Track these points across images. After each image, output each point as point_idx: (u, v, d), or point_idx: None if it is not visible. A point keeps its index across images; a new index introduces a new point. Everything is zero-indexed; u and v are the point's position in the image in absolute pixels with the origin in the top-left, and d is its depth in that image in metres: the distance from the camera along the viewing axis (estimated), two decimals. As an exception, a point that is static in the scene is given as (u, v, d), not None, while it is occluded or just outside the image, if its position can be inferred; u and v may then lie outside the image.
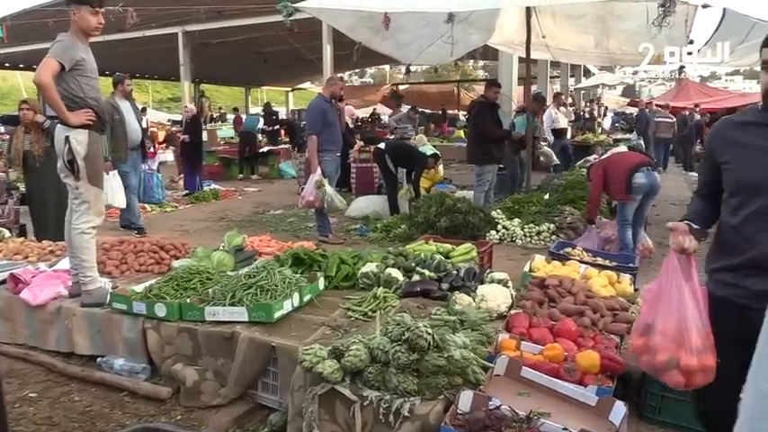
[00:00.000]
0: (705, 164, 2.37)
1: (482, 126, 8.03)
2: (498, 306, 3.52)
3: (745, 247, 2.08)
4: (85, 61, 3.84)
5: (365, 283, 3.99)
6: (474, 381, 2.54)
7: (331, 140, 7.11)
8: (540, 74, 18.42)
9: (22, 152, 6.33)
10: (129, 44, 17.93)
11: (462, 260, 4.51)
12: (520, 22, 8.74)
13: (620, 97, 38.39)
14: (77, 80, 3.80)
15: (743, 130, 2.14)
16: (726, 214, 2.18)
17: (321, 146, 7.01)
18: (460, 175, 12.89)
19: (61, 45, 3.75)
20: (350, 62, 15.30)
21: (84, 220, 3.91)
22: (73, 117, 3.78)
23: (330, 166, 7.18)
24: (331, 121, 7.08)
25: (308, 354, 2.61)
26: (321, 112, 7.07)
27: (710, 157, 2.26)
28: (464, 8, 7.10)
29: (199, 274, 3.93)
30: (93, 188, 3.92)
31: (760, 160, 2.05)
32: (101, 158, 4.05)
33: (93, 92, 3.94)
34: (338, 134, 7.30)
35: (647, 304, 2.30)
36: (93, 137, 3.89)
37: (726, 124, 2.26)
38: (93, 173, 3.90)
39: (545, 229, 7.02)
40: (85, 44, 3.91)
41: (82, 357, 3.90)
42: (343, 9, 7.12)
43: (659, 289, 2.20)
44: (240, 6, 15.82)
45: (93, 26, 3.84)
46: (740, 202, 2.09)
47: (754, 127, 2.11)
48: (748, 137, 2.10)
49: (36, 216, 6.47)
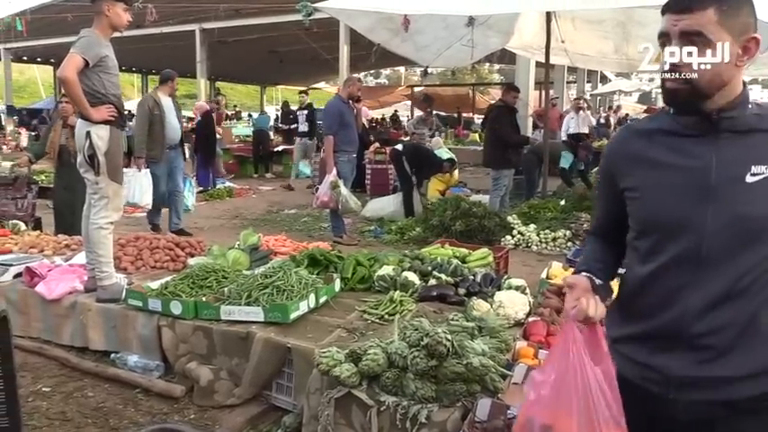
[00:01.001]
0: (602, 190, 1.68)
1: (500, 130, 7.98)
2: (516, 313, 3.47)
3: (658, 308, 1.46)
4: (108, 58, 3.87)
5: (381, 286, 3.97)
6: (492, 389, 2.51)
7: (347, 141, 7.08)
8: (556, 79, 18.32)
9: (59, 146, 6.23)
10: (147, 40, 18.06)
11: (479, 265, 4.48)
12: (539, 26, 8.68)
13: (636, 104, 38.13)
14: (100, 76, 3.83)
15: (651, 142, 1.49)
16: (633, 261, 1.56)
17: (337, 146, 6.99)
18: (475, 178, 12.85)
19: (87, 41, 3.77)
20: (366, 63, 15.30)
21: (103, 216, 3.93)
22: (95, 113, 3.80)
23: (346, 166, 7.15)
24: (347, 122, 7.05)
25: (326, 356, 2.59)
26: (338, 113, 7.04)
27: (609, 179, 1.59)
28: (484, 12, 7.06)
29: (215, 272, 3.91)
30: (113, 183, 3.94)
31: (677, 185, 1.43)
32: (121, 154, 4.07)
33: (115, 88, 3.97)
34: (354, 135, 7.25)
35: (542, 401, 1.52)
36: (114, 133, 3.91)
37: (628, 134, 1.61)
38: (113, 168, 3.92)
39: (561, 236, 6.97)
40: (108, 41, 3.94)
41: (95, 353, 3.90)
42: (362, 10, 7.10)
43: (557, 377, 1.48)
44: (257, 5, 15.89)
45: (124, 23, 3.90)
46: (653, 245, 1.47)
47: (666, 137, 1.48)
48: (659, 151, 1.47)
49: (61, 211, 6.33)
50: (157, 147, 7.04)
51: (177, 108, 7.54)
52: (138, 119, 7.15)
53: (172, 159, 7.35)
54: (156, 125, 7.00)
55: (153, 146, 7.00)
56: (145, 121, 6.98)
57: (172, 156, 7.32)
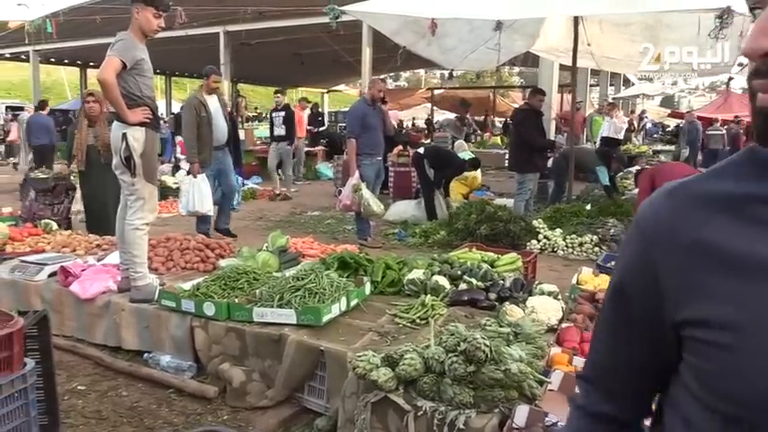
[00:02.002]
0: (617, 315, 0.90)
1: (525, 134, 7.94)
2: (549, 319, 3.45)
3: None
4: (144, 61, 3.93)
5: (411, 290, 3.97)
6: (530, 395, 2.50)
7: (370, 144, 7.01)
8: (579, 82, 18.16)
9: (86, 146, 6.22)
10: (170, 42, 18.20)
11: (508, 270, 4.46)
12: (565, 29, 8.61)
13: (659, 107, 37.75)
14: (136, 79, 3.89)
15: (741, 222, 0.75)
16: None
17: (360, 150, 6.95)
18: (497, 182, 12.80)
19: (123, 44, 3.83)
20: (388, 66, 15.34)
21: (139, 217, 3.98)
22: (131, 115, 3.85)
23: (369, 170, 7.09)
24: (371, 125, 6.97)
25: (362, 360, 2.59)
26: (360, 116, 7.01)
27: (640, 297, 0.85)
28: (512, 16, 7.02)
29: (246, 274, 3.95)
30: (149, 185, 4.01)
31: None
32: (156, 156, 4.14)
33: (150, 91, 4.04)
34: (378, 138, 7.13)
35: None
36: (150, 134, 3.97)
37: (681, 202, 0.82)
38: (149, 170, 3.98)
39: (587, 241, 6.91)
40: (143, 44, 4.00)
41: (128, 352, 3.95)
42: (389, 14, 7.11)
43: None
44: (281, 8, 15.96)
45: (154, 28, 3.93)
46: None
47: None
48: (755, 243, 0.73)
49: (92, 211, 6.37)
50: (206, 149, 6.77)
51: (224, 106, 7.22)
52: (186, 123, 6.83)
53: (220, 159, 7.12)
54: (203, 127, 6.75)
55: (201, 149, 6.73)
56: (193, 124, 6.70)
57: (219, 156, 7.08)
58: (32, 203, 6.83)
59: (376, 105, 7.13)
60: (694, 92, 58.36)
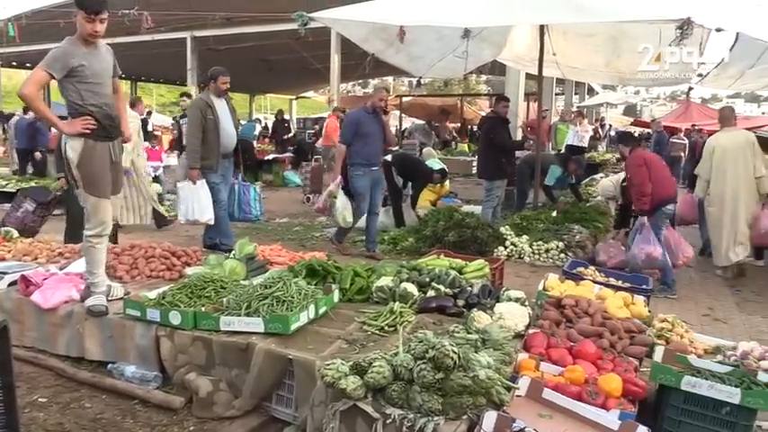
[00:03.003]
0: None
1: (497, 138, 8.03)
2: (516, 325, 3.49)
3: None
4: (85, 67, 3.69)
5: (380, 297, 3.97)
6: (497, 401, 2.52)
7: (364, 154, 6.74)
8: (545, 90, 18.51)
9: None
10: (137, 47, 17.98)
11: (475, 276, 4.49)
12: (531, 38, 8.76)
13: (622, 116, 38.54)
14: (76, 87, 3.71)
15: None
16: None
17: (352, 159, 6.74)
18: (465, 189, 12.90)
19: (52, 54, 3.65)
20: (356, 72, 15.36)
21: (88, 227, 3.90)
22: (66, 126, 3.73)
23: (360, 181, 6.80)
24: (365, 133, 6.70)
25: (330, 369, 2.58)
26: (354, 123, 6.81)
27: None
28: (480, 24, 7.12)
29: (213, 282, 3.91)
30: (91, 197, 3.84)
31: None
32: (101, 166, 3.86)
33: (96, 98, 3.79)
34: (374, 148, 6.82)
35: None
36: (89, 144, 3.78)
37: None
38: (90, 181, 3.81)
39: (553, 247, 7.01)
40: (89, 48, 3.74)
41: (91, 363, 3.86)
42: (357, 21, 7.13)
43: None
44: (249, 14, 15.90)
45: (88, 32, 3.64)
46: None
47: None
48: None
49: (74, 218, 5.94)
50: (212, 155, 6.26)
51: (232, 111, 6.66)
52: (190, 125, 6.37)
53: (227, 168, 6.60)
54: (209, 131, 6.24)
55: (207, 154, 6.24)
56: (197, 126, 6.21)
57: (226, 165, 6.56)
58: (26, 215, 6.62)
59: (376, 114, 6.85)
60: (656, 101, 59.77)
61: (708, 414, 2.73)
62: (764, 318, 5.40)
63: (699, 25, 5.56)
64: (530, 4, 6.26)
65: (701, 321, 5.19)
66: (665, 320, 3.74)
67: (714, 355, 3.38)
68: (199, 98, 6.54)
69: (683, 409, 2.78)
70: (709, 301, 5.88)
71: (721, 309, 5.64)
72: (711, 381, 2.72)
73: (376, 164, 6.93)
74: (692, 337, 3.62)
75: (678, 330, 3.63)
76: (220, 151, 6.32)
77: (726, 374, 2.80)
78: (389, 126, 7.13)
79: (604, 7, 5.98)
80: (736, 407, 2.65)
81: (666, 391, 2.85)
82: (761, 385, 2.69)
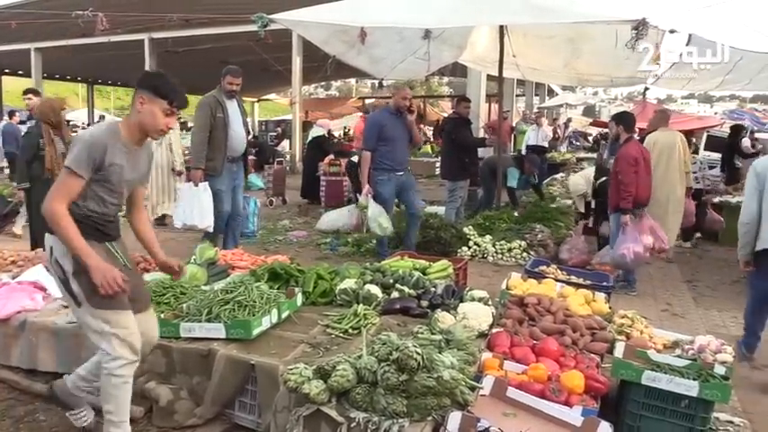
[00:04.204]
0: None
1: (459, 138, 8.08)
2: (480, 324, 3.51)
3: None
4: (116, 166, 2.71)
5: (343, 300, 3.94)
6: (462, 401, 2.51)
7: (390, 158, 6.28)
8: (506, 92, 18.74)
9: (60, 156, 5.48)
10: (93, 49, 17.60)
11: (439, 277, 4.50)
12: (492, 40, 8.84)
13: (581, 116, 39.22)
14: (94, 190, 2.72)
15: None
16: None
17: (376, 164, 6.29)
18: (428, 190, 12.96)
19: (86, 146, 2.63)
20: (319, 74, 15.34)
21: (108, 357, 2.73)
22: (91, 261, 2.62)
23: (386, 187, 6.34)
24: (390, 137, 6.27)
25: (293, 374, 2.54)
26: (377, 126, 6.36)
27: None
28: (440, 25, 7.15)
29: (172, 288, 3.83)
30: (103, 312, 2.69)
31: None
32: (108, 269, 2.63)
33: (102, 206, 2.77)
34: (400, 151, 6.40)
35: None
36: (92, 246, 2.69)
37: None
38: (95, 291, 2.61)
39: (516, 246, 7.08)
40: (137, 145, 2.82)
41: (46, 375, 3.73)
42: (318, 23, 7.08)
43: None
44: (208, 16, 15.71)
45: (160, 127, 2.76)
46: None
47: None
48: None
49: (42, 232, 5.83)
50: (218, 157, 5.92)
51: (243, 113, 6.33)
52: (197, 122, 6.01)
53: (235, 173, 6.25)
54: (217, 131, 5.89)
55: (213, 155, 5.89)
56: (206, 125, 5.86)
57: (234, 169, 6.21)
58: None
59: (400, 115, 6.44)
60: (614, 101, 60.97)
61: (667, 408, 2.79)
62: (720, 312, 5.55)
63: (653, 26, 5.67)
64: (489, 6, 6.30)
65: (660, 317, 5.30)
66: (626, 316, 3.80)
67: (673, 349, 3.45)
68: (210, 95, 6.12)
69: (643, 404, 2.84)
70: (668, 296, 6.01)
71: (679, 304, 5.77)
72: (670, 375, 2.77)
73: (402, 168, 6.50)
74: (651, 332, 3.69)
75: (638, 326, 3.70)
76: (227, 153, 6.00)
77: (684, 368, 2.86)
78: (415, 126, 6.69)
79: (562, 8, 6.05)
80: (694, 400, 2.71)
81: (628, 386, 2.90)
82: (717, 378, 2.75)
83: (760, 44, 5.77)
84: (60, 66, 22.42)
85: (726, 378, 2.77)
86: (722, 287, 6.32)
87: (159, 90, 2.72)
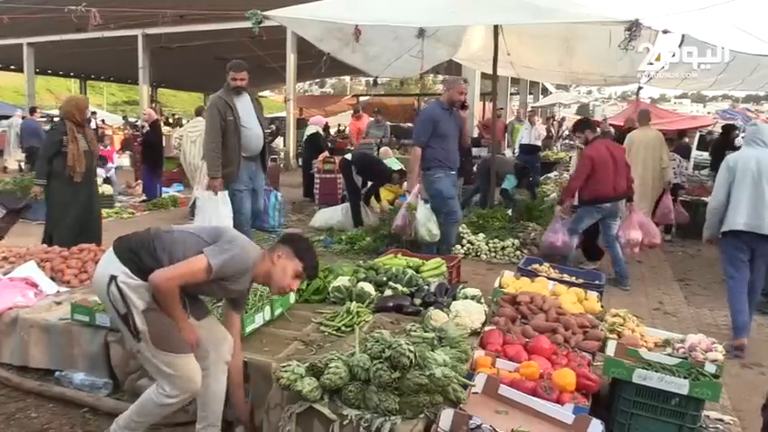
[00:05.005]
0: None
1: None
2: (472, 322, 3.52)
3: None
4: (237, 291, 2.82)
5: (337, 297, 3.95)
6: (454, 399, 2.52)
7: (441, 156, 5.96)
8: (500, 90, 18.75)
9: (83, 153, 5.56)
10: (87, 45, 17.52)
11: (432, 275, 4.51)
12: (486, 38, 8.86)
13: (575, 115, 39.29)
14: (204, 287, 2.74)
15: None
16: None
17: (429, 162, 5.95)
18: (422, 188, 12.94)
19: (233, 258, 2.61)
20: (313, 72, 15.30)
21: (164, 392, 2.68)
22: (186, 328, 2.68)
23: (443, 182, 5.99)
24: (443, 133, 5.93)
25: (286, 371, 2.55)
26: (430, 121, 5.99)
27: None
28: (434, 24, 7.16)
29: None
30: (165, 354, 2.63)
31: None
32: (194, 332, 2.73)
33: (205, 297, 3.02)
34: (452, 149, 6.05)
35: None
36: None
37: None
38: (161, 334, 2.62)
39: (509, 245, 7.10)
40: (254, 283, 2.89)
41: (37, 371, 3.73)
42: (313, 20, 7.08)
43: None
44: (202, 12, 15.66)
45: (283, 285, 2.74)
46: None
47: None
48: None
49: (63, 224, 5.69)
50: (233, 161, 5.58)
51: (257, 108, 5.87)
52: (208, 129, 5.64)
53: (253, 173, 5.87)
54: (229, 135, 5.53)
55: (228, 161, 5.55)
56: (216, 130, 5.51)
57: (252, 169, 5.84)
58: None
59: (453, 110, 6.09)
60: (607, 101, 61.18)
61: (658, 405, 2.81)
62: (711, 310, 5.58)
63: (647, 27, 5.69)
64: (483, 5, 6.31)
65: (652, 315, 5.33)
66: (618, 315, 3.82)
67: (664, 347, 3.47)
68: (217, 96, 5.73)
69: (634, 402, 2.86)
70: (660, 294, 6.04)
71: (671, 302, 5.80)
72: (661, 373, 2.79)
73: (455, 168, 6.17)
74: (643, 330, 3.70)
75: (630, 324, 3.71)
76: (243, 155, 5.66)
77: (675, 367, 2.88)
78: (466, 123, 6.29)
79: (556, 8, 6.06)
80: (684, 398, 2.73)
81: (619, 384, 2.91)
82: (707, 376, 2.77)
83: (751, 46, 5.81)
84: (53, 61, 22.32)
85: (716, 376, 2.79)
86: (714, 286, 6.36)
87: (299, 252, 2.77)
